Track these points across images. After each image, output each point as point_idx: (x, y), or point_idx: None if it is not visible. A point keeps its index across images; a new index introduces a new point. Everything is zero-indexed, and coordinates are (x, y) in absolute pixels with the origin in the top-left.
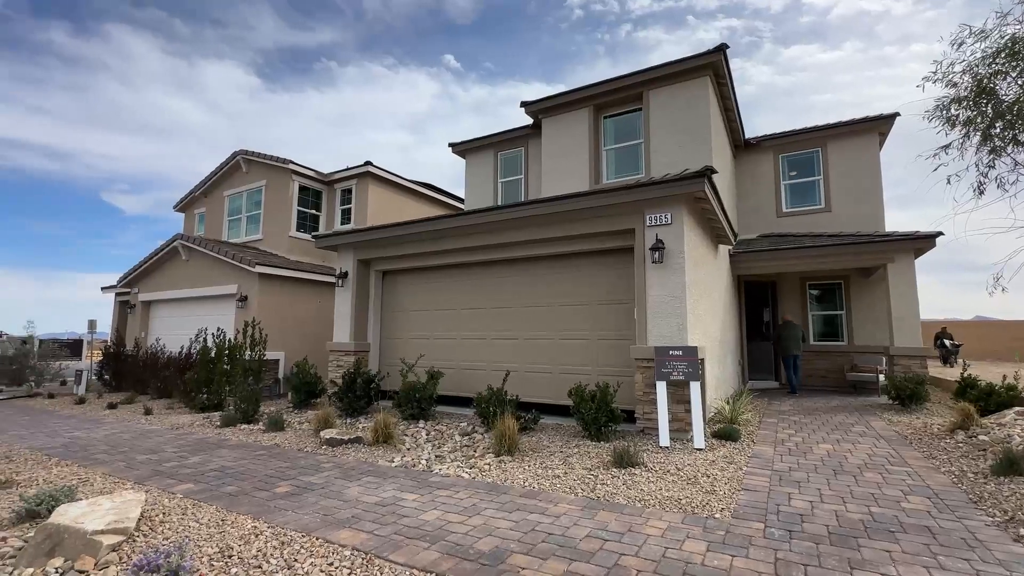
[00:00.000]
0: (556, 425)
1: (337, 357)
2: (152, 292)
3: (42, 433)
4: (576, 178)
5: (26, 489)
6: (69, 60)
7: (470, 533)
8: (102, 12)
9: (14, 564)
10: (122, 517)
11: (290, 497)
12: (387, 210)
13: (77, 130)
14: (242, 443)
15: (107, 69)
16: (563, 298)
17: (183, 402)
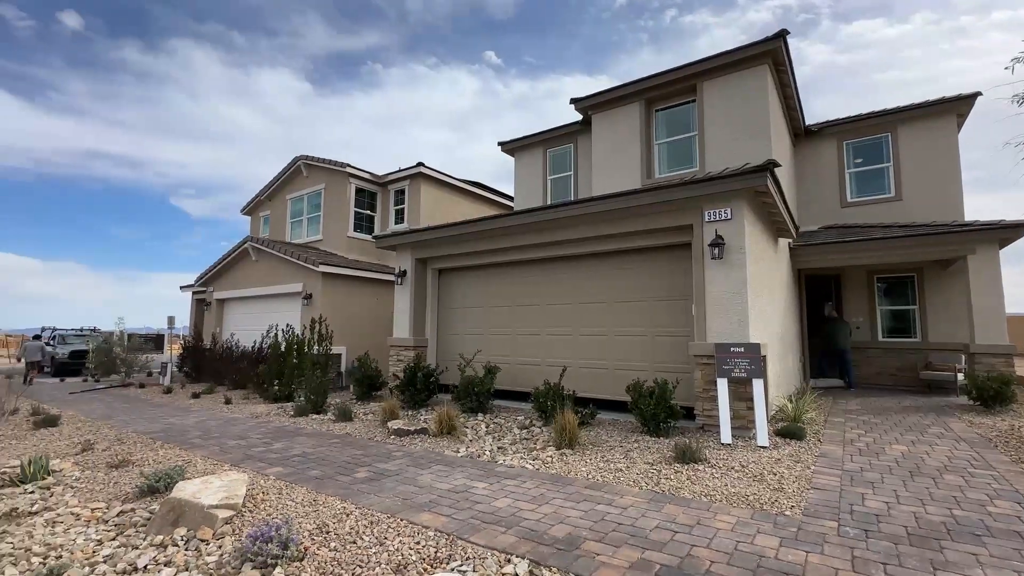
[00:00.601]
0: (612, 420)
1: (397, 352)
2: (226, 291)
3: (143, 419)
4: (627, 173)
5: (141, 468)
6: (141, 75)
7: (542, 520)
8: (169, 29)
9: (146, 531)
10: (231, 495)
11: (369, 482)
12: (438, 209)
13: (149, 140)
14: (316, 432)
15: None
16: (618, 294)
17: (257, 393)
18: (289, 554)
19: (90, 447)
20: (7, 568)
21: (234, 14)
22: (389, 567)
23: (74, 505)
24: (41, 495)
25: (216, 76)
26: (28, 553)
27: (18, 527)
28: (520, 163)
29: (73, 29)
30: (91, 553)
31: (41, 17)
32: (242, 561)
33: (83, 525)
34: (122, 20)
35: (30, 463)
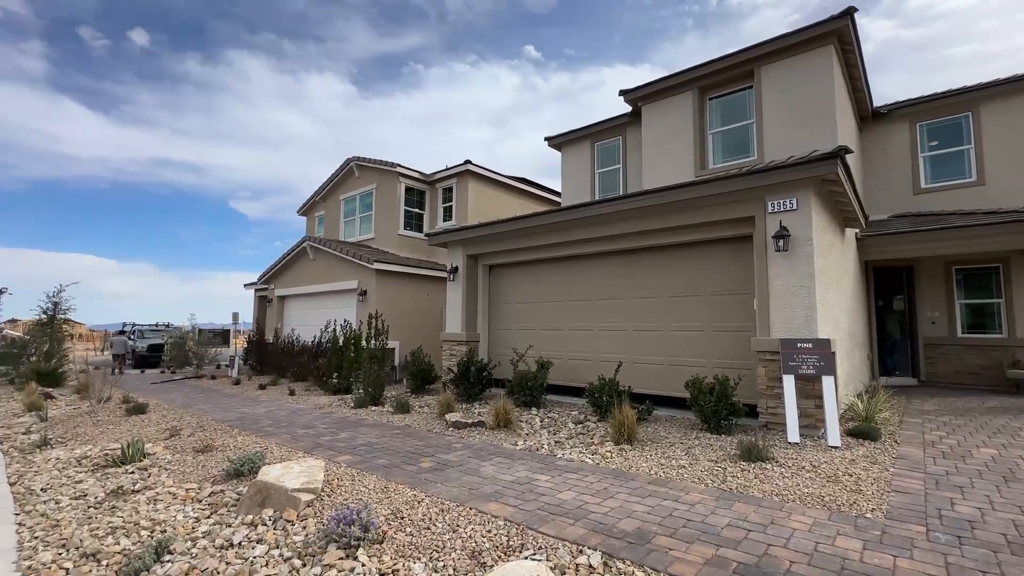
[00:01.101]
0: (669, 416)
1: (450, 347)
2: (286, 288)
3: (218, 408)
4: (679, 165)
5: (224, 453)
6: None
7: (609, 514)
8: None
9: (236, 511)
10: (311, 479)
11: (434, 472)
12: (485, 206)
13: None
14: (377, 423)
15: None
16: (674, 289)
17: (317, 385)
18: (370, 537)
19: (176, 433)
20: (122, 539)
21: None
22: (464, 553)
23: (170, 485)
24: (140, 475)
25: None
26: (137, 527)
27: (125, 503)
28: (567, 157)
29: (141, 45)
30: (191, 529)
31: (113, 36)
32: (327, 541)
33: (180, 503)
34: (184, 34)
35: (128, 446)
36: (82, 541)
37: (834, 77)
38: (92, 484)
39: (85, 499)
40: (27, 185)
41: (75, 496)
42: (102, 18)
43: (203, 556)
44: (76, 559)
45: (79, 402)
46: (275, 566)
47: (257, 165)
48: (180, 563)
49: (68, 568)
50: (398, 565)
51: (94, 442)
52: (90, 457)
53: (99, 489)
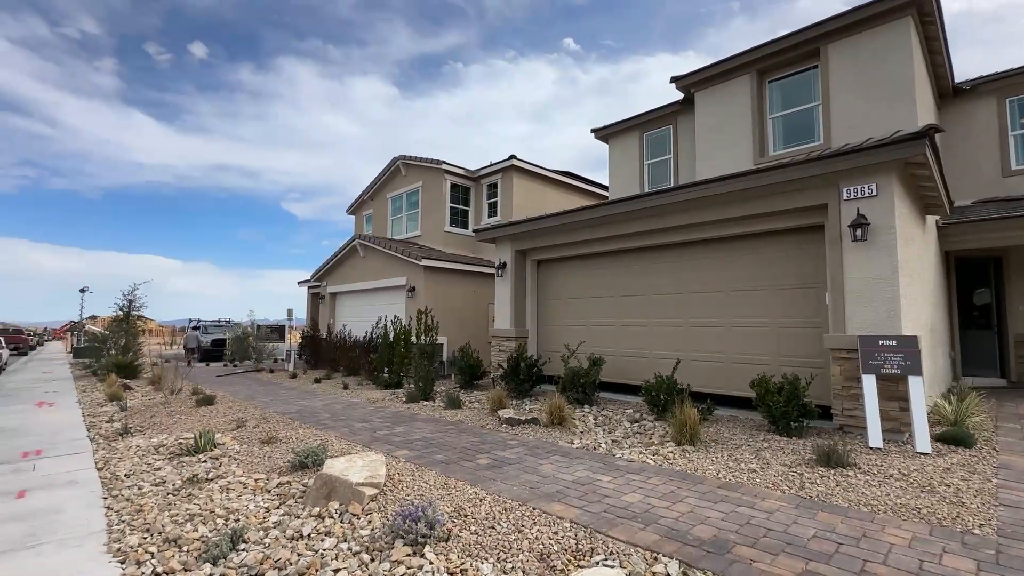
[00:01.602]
0: (731, 417)
1: (499, 342)
2: (337, 285)
3: (278, 401)
4: (736, 153)
5: (287, 444)
6: (254, 94)
7: (681, 519)
8: (275, 49)
9: (303, 503)
10: (374, 474)
11: (492, 469)
12: (530, 201)
13: (262, 151)
14: (430, 418)
15: (281, 98)
16: (735, 283)
17: (369, 379)
18: (436, 534)
19: (242, 424)
20: (199, 526)
21: (330, 29)
22: (532, 555)
23: (240, 475)
24: (212, 464)
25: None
26: (213, 515)
27: (200, 491)
28: (615, 149)
29: (200, 57)
30: (262, 519)
31: (175, 50)
32: (393, 537)
33: (251, 493)
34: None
35: (200, 436)
36: (164, 527)
37: (912, 51)
38: (170, 471)
39: (164, 486)
40: (102, 192)
41: (155, 483)
42: (165, 33)
43: (275, 546)
44: (160, 544)
45: (153, 393)
46: (344, 560)
47: (306, 167)
48: (255, 552)
49: (153, 552)
50: (465, 564)
51: (169, 431)
52: (166, 445)
53: (176, 477)
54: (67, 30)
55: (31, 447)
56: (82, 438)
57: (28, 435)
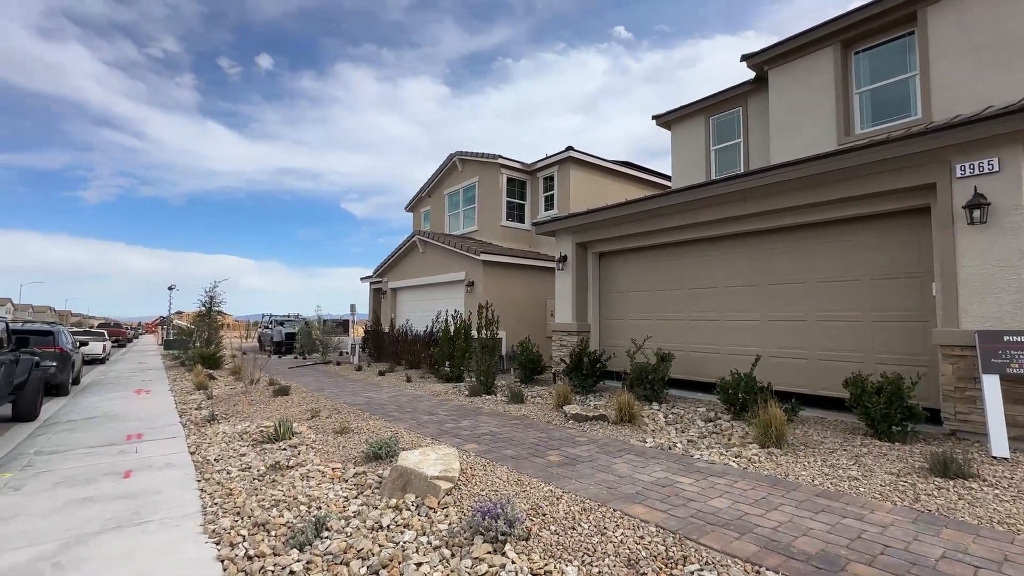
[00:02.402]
0: (817, 418)
1: (560, 337)
2: (398, 280)
3: (347, 392)
4: (816, 132)
5: (359, 435)
6: (314, 99)
7: (779, 529)
8: (333, 55)
9: (380, 494)
10: (448, 468)
11: (564, 466)
12: (587, 192)
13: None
14: (494, 412)
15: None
16: (820, 273)
17: (430, 372)
18: (516, 533)
19: (316, 414)
20: (284, 512)
21: (383, 33)
22: (619, 559)
23: (317, 463)
24: (292, 452)
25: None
26: (296, 501)
27: (283, 477)
28: (678, 136)
29: (266, 68)
30: (342, 508)
31: (244, 63)
32: (472, 533)
33: (329, 482)
34: (299, 54)
35: (279, 425)
36: (252, 511)
37: None
38: (254, 457)
39: (249, 471)
40: (185, 198)
41: (241, 468)
42: (235, 48)
43: (357, 536)
44: (250, 527)
45: (234, 383)
46: (426, 553)
47: (362, 168)
48: (338, 541)
49: (244, 535)
50: (549, 566)
51: (250, 419)
52: (249, 433)
53: (260, 463)
54: (152, 50)
55: (133, 431)
56: (175, 424)
57: (130, 420)
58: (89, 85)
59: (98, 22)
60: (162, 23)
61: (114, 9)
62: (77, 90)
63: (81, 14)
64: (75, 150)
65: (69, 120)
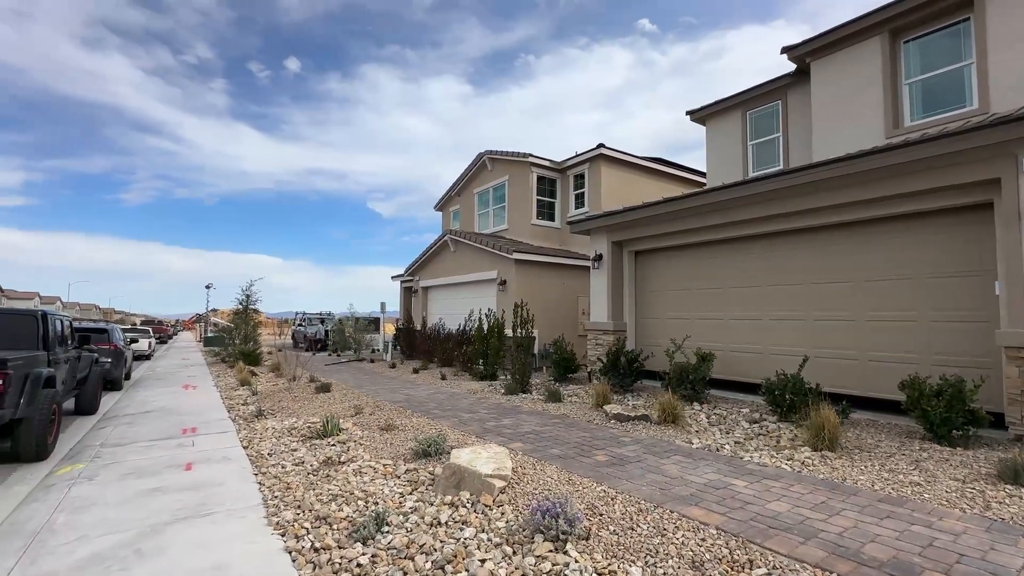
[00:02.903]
0: (869, 420)
1: (595, 336)
2: (429, 279)
3: (385, 389)
4: (862, 126)
5: (403, 433)
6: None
7: (845, 535)
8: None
9: (434, 490)
10: (501, 466)
11: (613, 466)
12: (619, 190)
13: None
14: (533, 410)
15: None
16: (869, 271)
17: (463, 370)
18: (576, 532)
19: (360, 411)
20: (343, 506)
21: (406, 33)
22: (683, 561)
23: (368, 459)
24: (341, 448)
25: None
26: (353, 496)
27: (336, 472)
28: (713, 131)
29: (294, 71)
30: (399, 503)
31: (273, 66)
32: (532, 531)
33: (382, 478)
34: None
35: (327, 421)
36: (312, 505)
37: None
38: (305, 452)
39: (303, 466)
40: (218, 199)
41: (295, 463)
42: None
43: (417, 531)
44: (312, 521)
45: (275, 379)
46: (488, 550)
47: (387, 168)
48: (400, 536)
49: (307, 528)
50: (613, 566)
51: (296, 415)
52: (297, 428)
53: (312, 458)
54: (187, 57)
55: (187, 425)
56: (225, 418)
57: (181, 414)
58: (128, 92)
59: (135, 31)
60: (195, 30)
61: (150, 18)
62: (117, 97)
63: (120, 23)
64: (116, 154)
65: (110, 126)
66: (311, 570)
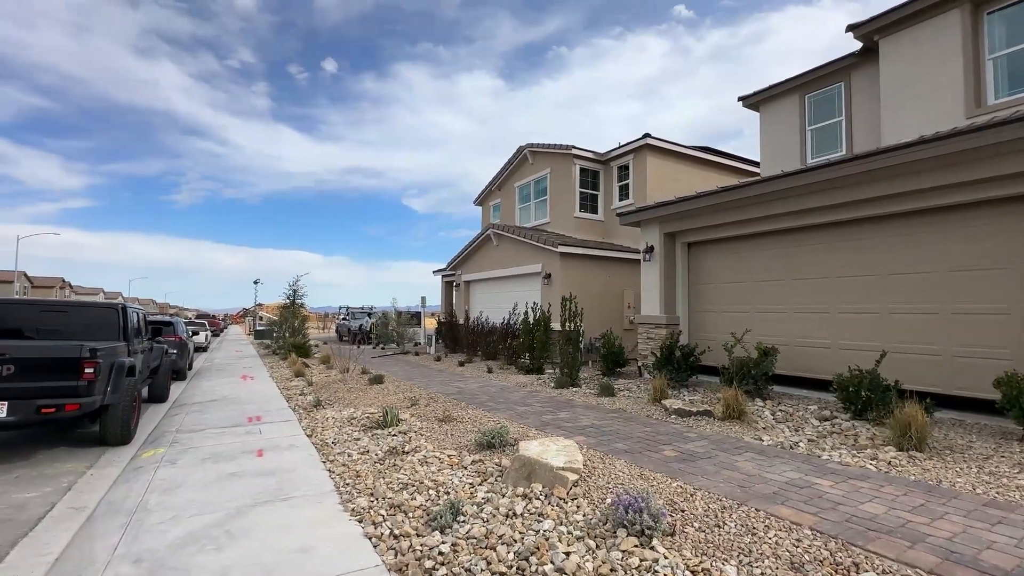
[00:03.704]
0: (954, 420)
1: (647, 330)
2: (471, 273)
3: (436, 382)
4: (939, 105)
5: (461, 425)
6: (375, 100)
7: (955, 540)
8: (392, 56)
9: (503, 482)
10: (572, 459)
11: (684, 462)
12: (664, 180)
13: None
14: (587, 405)
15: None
16: (953, 262)
17: (508, 364)
18: (661, 528)
19: (415, 402)
20: (415, 495)
21: (439, 31)
22: (780, 562)
23: (431, 450)
24: (403, 439)
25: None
26: (423, 485)
27: (402, 462)
28: (767, 117)
29: (331, 73)
30: (470, 494)
31: (311, 68)
32: (614, 526)
33: (449, 468)
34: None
35: (387, 412)
36: (384, 493)
37: None
38: (368, 442)
39: (368, 455)
40: (261, 199)
41: (360, 451)
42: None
43: (494, 522)
44: (387, 508)
45: (327, 371)
46: (571, 543)
47: (422, 164)
48: (478, 526)
49: (383, 515)
50: (705, 563)
51: (354, 406)
52: (357, 418)
53: (376, 447)
54: (231, 62)
55: (252, 413)
56: (285, 408)
57: (244, 403)
58: (178, 97)
59: (184, 39)
60: (238, 35)
61: (198, 25)
62: (168, 102)
63: (170, 32)
64: (168, 157)
65: (162, 130)
66: (393, 556)
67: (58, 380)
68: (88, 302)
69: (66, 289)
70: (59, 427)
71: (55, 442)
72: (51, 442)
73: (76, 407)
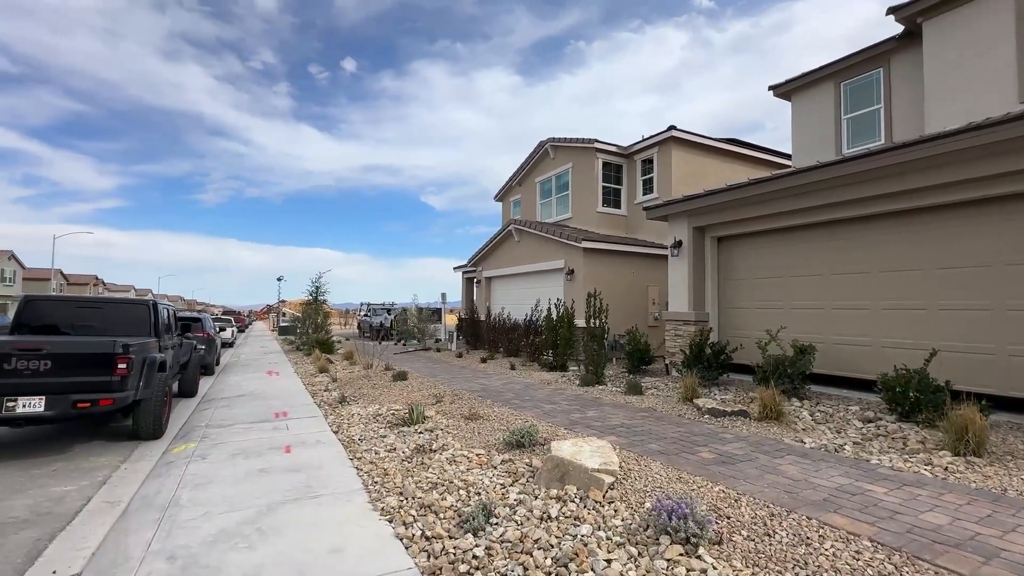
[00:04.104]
0: (1012, 423)
1: (675, 327)
2: (492, 270)
3: (459, 379)
4: (989, 89)
5: (488, 423)
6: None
7: None
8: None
9: (535, 483)
10: (607, 461)
11: (723, 465)
12: (690, 174)
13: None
14: (616, 403)
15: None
16: (1010, 255)
17: (531, 360)
18: (707, 536)
19: (440, 399)
20: (445, 495)
21: (456, 27)
22: None
23: (459, 448)
24: (430, 436)
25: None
26: (453, 485)
27: (430, 460)
28: (800, 107)
29: (351, 72)
30: (502, 495)
31: (331, 68)
32: (656, 532)
33: (478, 468)
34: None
35: (412, 409)
36: (414, 493)
37: None
38: (394, 439)
39: (395, 452)
40: (284, 197)
41: (387, 449)
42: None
43: (528, 525)
44: (417, 508)
45: (350, 367)
46: (611, 550)
47: (441, 162)
48: (512, 529)
49: (414, 515)
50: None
51: (379, 402)
52: (382, 415)
53: (403, 445)
54: (254, 63)
55: (278, 409)
56: (310, 404)
57: (270, 399)
58: (204, 99)
59: (208, 42)
60: (261, 37)
61: (222, 28)
62: (194, 104)
63: (195, 35)
64: (194, 158)
65: (188, 132)
66: (426, 559)
67: (92, 375)
68: (121, 299)
69: (99, 286)
70: (94, 421)
71: (91, 436)
72: (87, 436)
73: (110, 401)
